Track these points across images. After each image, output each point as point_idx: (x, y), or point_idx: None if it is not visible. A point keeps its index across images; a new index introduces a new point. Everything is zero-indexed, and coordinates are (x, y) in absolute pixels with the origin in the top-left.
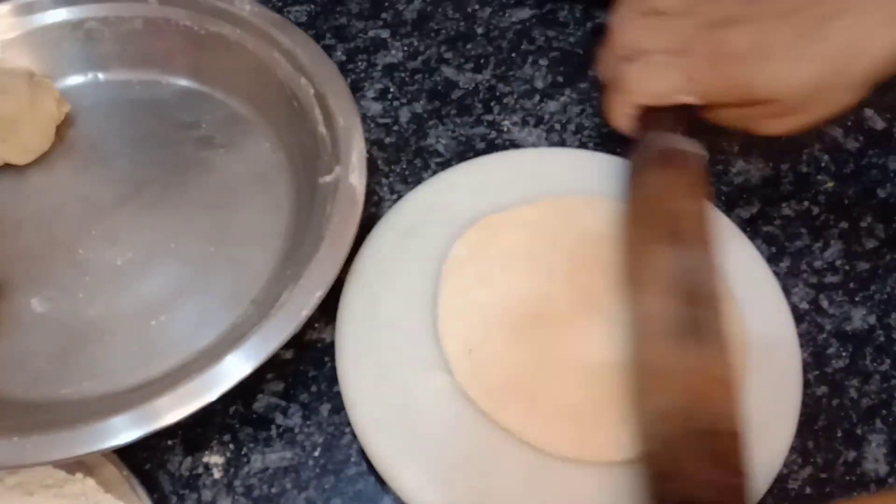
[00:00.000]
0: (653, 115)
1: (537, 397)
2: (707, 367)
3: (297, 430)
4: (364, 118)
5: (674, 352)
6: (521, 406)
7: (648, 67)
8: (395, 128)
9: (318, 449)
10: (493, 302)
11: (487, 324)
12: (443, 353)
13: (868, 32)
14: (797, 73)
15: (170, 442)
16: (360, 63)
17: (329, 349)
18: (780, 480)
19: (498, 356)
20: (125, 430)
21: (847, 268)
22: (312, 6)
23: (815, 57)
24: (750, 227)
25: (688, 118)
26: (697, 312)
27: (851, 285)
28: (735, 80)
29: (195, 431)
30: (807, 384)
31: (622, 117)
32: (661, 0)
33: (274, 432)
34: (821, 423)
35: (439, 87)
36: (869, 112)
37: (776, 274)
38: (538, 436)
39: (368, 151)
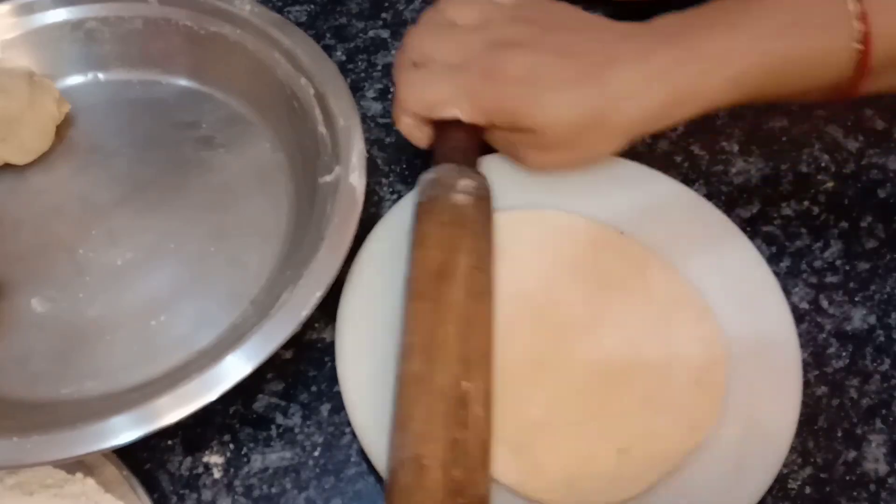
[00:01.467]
0: (443, 130)
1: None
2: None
3: (297, 430)
4: (364, 118)
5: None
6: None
7: (425, 76)
8: (395, 128)
9: (318, 449)
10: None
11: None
12: None
13: (636, 84)
14: (564, 109)
15: (170, 442)
16: (360, 63)
17: (329, 349)
18: (780, 480)
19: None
20: (125, 430)
21: (847, 268)
22: (312, 6)
23: (586, 98)
24: (750, 227)
25: (474, 137)
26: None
27: (851, 285)
28: (501, 102)
29: (195, 431)
30: (807, 384)
31: (405, 127)
32: (458, 13)
33: (274, 432)
34: (821, 423)
35: None
36: (869, 112)
37: (776, 274)
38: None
39: (368, 151)
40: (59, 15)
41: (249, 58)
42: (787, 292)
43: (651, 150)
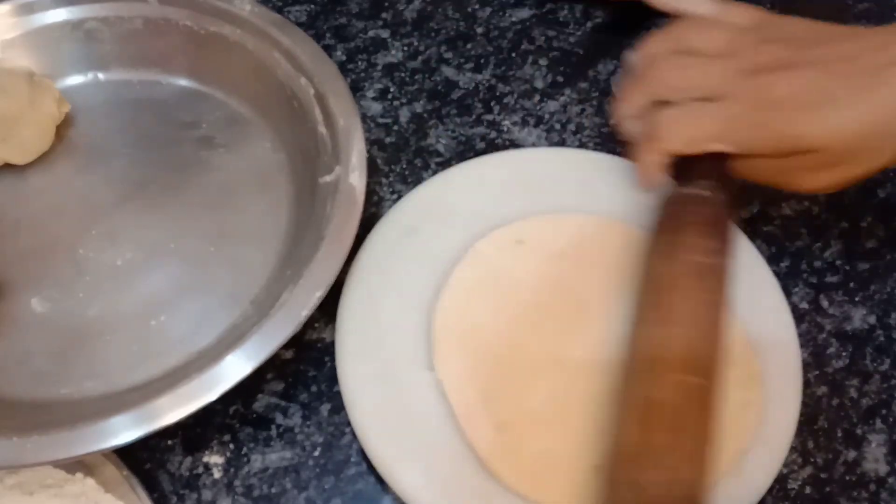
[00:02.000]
0: (684, 168)
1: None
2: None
3: (297, 430)
4: (364, 118)
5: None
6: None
7: (684, 111)
8: (395, 128)
9: (318, 449)
10: (485, 329)
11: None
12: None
13: None
14: (850, 120)
15: (170, 442)
16: (360, 63)
17: (329, 349)
18: (780, 480)
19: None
20: (125, 430)
21: (847, 268)
22: (312, 6)
23: (870, 104)
24: (750, 227)
25: (721, 171)
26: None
27: (851, 285)
28: (781, 128)
29: (195, 431)
30: (807, 384)
31: (652, 167)
32: (699, 40)
33: (274, 432)
34: (821, 423)
35: (439, 87)
36: None
37: (776, 274)
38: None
39: (368, 151)
40: (59, 15)
41: (249, 58)
42: (787, 292)
43: None
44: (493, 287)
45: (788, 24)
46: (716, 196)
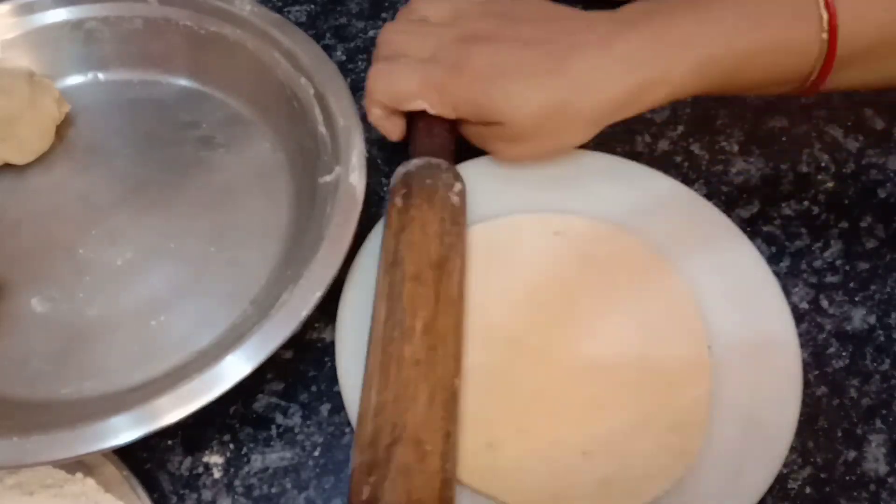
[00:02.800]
0: (421, 122)
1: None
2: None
3: (297, 430)
4: (364, 118)
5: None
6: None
7: (393, 69)
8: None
9: (318, 449)
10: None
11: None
12: None
13: (601, 72)
14: (528, 99)
15: (170, 442)
16: (360, 63)
17: (329, 349)
18: (780, 480)
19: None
20: (125, 430)
21: (847, 268)
22: (312, 6)
23: (549, 86)
24: (750, 227)
25: (453, 132)
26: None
27: (851, 285)
28: (467, 95)
29: (195, 431)
30: (807, 384)
31: (376, 118)
32: (430, 9)
33: (274, 432)
34: (821, 423)
35: None
36: (869, 112)
37: (776, 274)
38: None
39: (368, 151)
40: (59, 15)
41: (249, 58)
42: (787, 292)
43: (651, 150)
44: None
45: (514, 1)
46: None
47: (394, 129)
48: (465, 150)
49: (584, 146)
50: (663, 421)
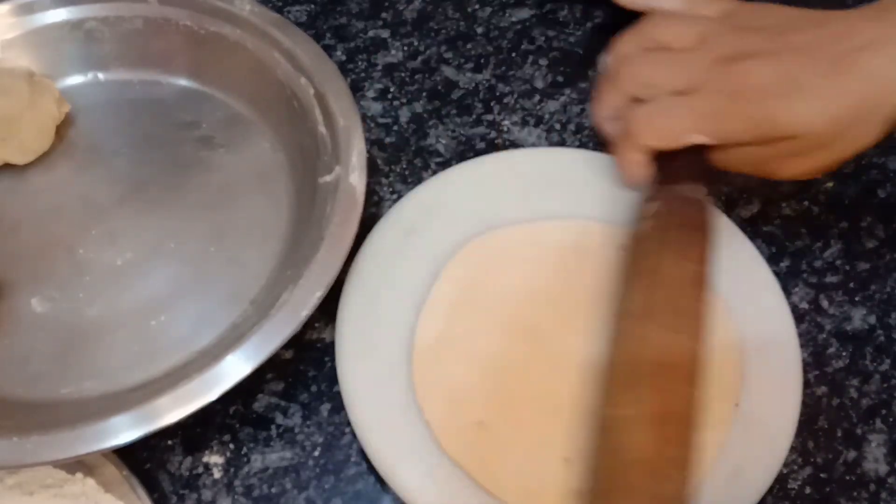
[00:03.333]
0: (665, 163)
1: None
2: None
3: (297, 430)
4: (364, 118)
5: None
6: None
7: (661, 108)
8: (395, 128)
9: (318, 449)
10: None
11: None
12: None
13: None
14: (827, 106)
15: (170, 442)
16: (360, 63)
17: (329, 349)
18: (780, 480)
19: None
20: (125, 430)
21: (847, 268)
22: (312, 6)
23: (847, 90)
24: (750, 227)
25: (701, 164)
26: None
27: (851, 285)
28: (758, 116)
29: (195, 431)
30: (807, 384)
31: (634, 164)
32: (669, 35)
33: (274, 432)
34: (821, 423)
35: (439, 87)
36: None
37: (776, 274)
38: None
39: (368, 151)
40: (59, 15)
41: (249, 58)
42: (787, 292)
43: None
44: (479, 291)
45: (757, 13)
46: (701, 198)
47: (645, 175)
48: (466, 149)
49: (584, 146)
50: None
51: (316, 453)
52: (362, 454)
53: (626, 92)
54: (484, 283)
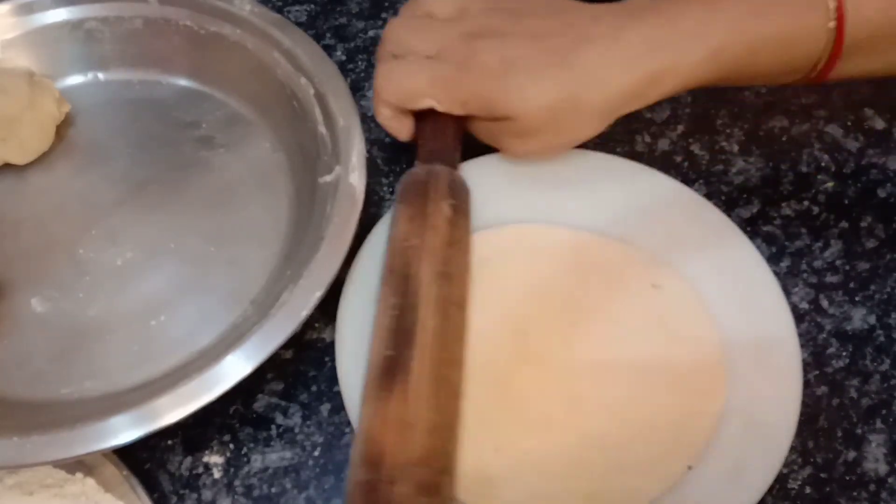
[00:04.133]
0: (427, 123)
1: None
2: (388, 411)
3: (297, 430)
4: (364, 118)
5: (369, 398)
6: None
7: (401, 68)
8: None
9: (318, 449)
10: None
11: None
12: None
13: (609, 64)
14: (537, 93)
15: (170, 442)
16: (360, 63)
17: (329, 349)
18: (780, 480)
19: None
20: (125, 430)
21: (847, 268)
22: (312, 6)
23: (557, 80)
24: (750, 227)
25: (458, 132)
26: (395, 353)
27: (851, 285)
28: (476, 91)
29: (195, 431)
30: (807, 384)
31: (384, 118)
32: (436, 5)
33: (274, 432)
34: (821, 423)
35: None
36: (869, 112)
37: (776, 274)
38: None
39: (368, 151)
40: (59, 15)
41: (249, 58)
42: (787, 292)
43: (651, 150)
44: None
45: None
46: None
47: (402, 129)
48: (470, 147)
49: (584, 146)
50: (668, 428)
51: (316, 453)
52: None
53: (387, 50)
54: (480, 283)
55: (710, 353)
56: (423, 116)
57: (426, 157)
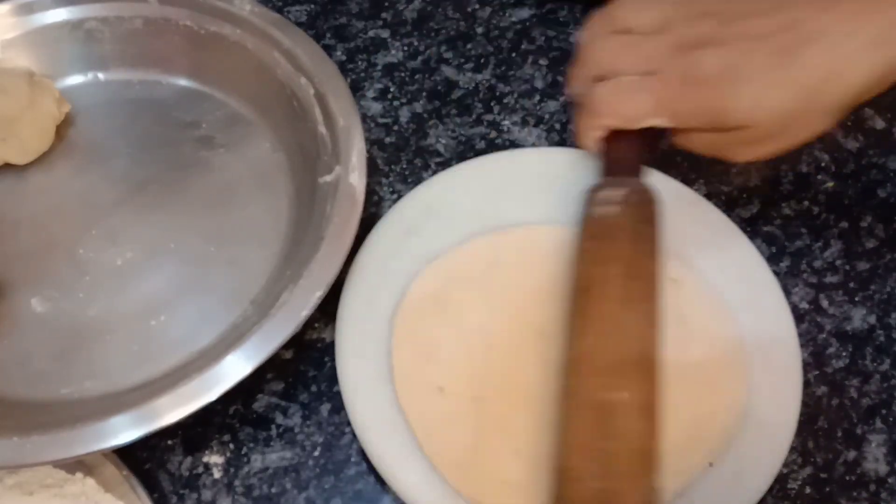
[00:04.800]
0: (620, 138)
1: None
2: (624, 444)
3: (297, 430)
4: (364, 118)
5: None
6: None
7: (619, 88)
8: (395, 128)
9: (318, 449)
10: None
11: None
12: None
13: (846, 58)
14: (772, 99)
15: (170, 442)
16: (360, 63)
17: (329, 349)
18: (780, 480)
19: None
20: (125, 430)
21: (847, 268)
22: (312, 6)
23: (791, 83)
24: (750, 227)
25: (655, 142)
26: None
27: (851, 285)
28: (707, 104)
29: (195, 431)
30: (807, 384)
31: (591, 140)
32: (633, 18)
33: (274, 432)
34: (821, 423)
35: (439, 87)
36: (869, 112)
37: (776, 274)
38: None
39: (368, 151)
40: (59, 15)
41: (249, 58)
42: (787, 292)
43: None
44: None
45: None
46: (644, 191)
47: (600, 146)
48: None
49: None
50: (689, 425)
51: (316, 453)
52: (362, 454)
53: (591, 73)
54: (496, 285)
55: (731, 351)
56: (611, 133)
57: (606, 173)
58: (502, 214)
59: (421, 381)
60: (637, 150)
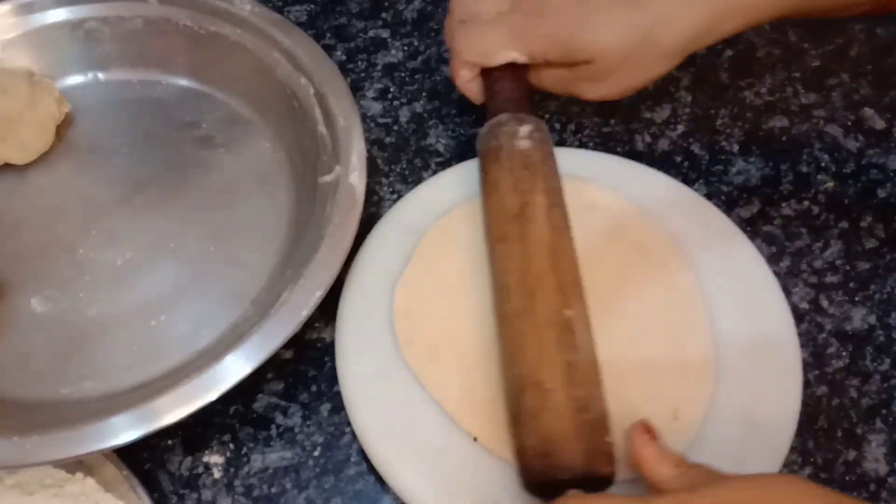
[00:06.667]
0: (501, 79)
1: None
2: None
3: (297, 430)
4: (364, 118)
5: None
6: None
7: (476, 27)
8: (395, 128)
9: (318, 449)
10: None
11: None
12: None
13: (680, 5)
14: (610, 33)
15: (170, 442)
16: (360, 63)
17: (329, 349)
18: None
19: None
20: (125, 430)
21: (847, 268)
22: (312, 6)
23: (629, 21)
24: (750, 227)
25: (524, 84)
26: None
27: (851, 285)
28: (554, 38)
29: (195, 431)
30: (807, 384)
31: (463, 81)
32: None
33: (274, 432)
34: (821, 423)
35: (439, 87)
36: (869, 112)
37: (776, 274)
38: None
39: (368, 151)
40: (59, 15)
41: (249, 58)
42: (787, 292)
43: (651, 150)
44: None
45: None
46: (543, 128)
47: (478, 92)
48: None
49: (585, 146)
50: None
51: (316, 453)
52: (362, 454)
53: (458, 19)
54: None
55: (699, 354)
56: (489, 77)
57: (498, 110)
58: None
59: (422, 380)
60: (522, 89)
